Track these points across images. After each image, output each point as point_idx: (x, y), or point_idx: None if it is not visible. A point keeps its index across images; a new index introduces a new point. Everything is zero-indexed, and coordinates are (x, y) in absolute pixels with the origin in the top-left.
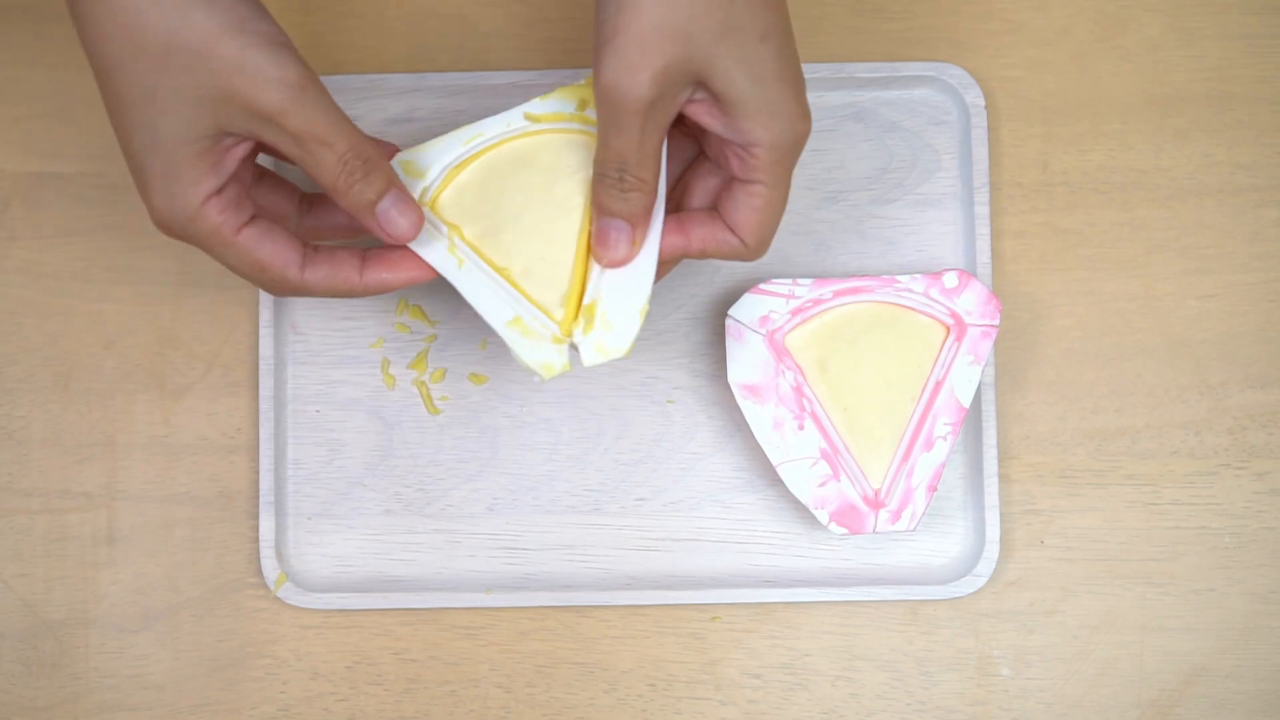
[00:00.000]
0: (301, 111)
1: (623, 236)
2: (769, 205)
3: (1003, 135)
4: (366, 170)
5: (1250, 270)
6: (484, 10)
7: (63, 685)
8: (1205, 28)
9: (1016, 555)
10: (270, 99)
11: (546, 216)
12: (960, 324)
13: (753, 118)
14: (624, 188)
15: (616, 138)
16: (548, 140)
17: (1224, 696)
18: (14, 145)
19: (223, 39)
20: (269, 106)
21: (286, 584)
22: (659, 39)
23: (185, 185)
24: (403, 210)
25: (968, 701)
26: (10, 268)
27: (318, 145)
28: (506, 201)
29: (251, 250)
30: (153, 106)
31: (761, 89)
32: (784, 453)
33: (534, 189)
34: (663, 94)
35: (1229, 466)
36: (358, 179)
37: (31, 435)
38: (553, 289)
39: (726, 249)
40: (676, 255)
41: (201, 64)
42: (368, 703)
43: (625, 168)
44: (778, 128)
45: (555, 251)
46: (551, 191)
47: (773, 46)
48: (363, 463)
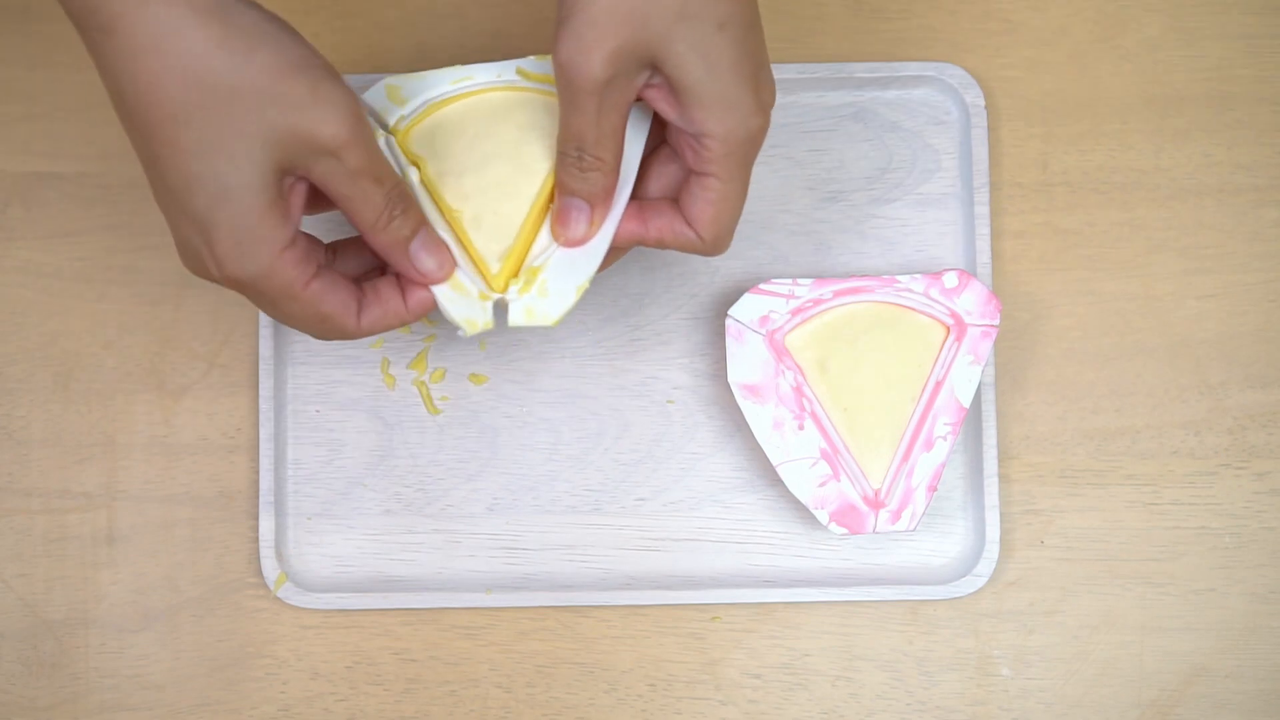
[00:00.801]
0: (362, 146)
1: (582, 216)
2: (723, 199)
3: (1002, 135)
4: (406, 206)
5: (1250, 270)
6: (484, 10)
7: (63, 685)
8: (1205, 28)
9: (1016, 555)
10: (338, 132)
11: (510, 172)
12: (960, 324)
13: (705, 108)
14: (582, 166)
15: (573, 116)
16: (531, 99)
17: (1224, 696)
18: (14, 145)
19: (290, 75)
20: (336, 140)
21: (286, 584)
22: (613, 19)
23: (259, 240)
24: (431, 251)
25: (968, 701)
26: (10, 268)
27: (371, 181)
28: (476, 148)
29: (318, 303)
30: (219, 156)
31: (715, 79)
32: (784, 453)
33: (505, 143)
34: (617, 75)
35: (1229, 466)
36: (397, 216)
37: (31, 435)
38: (496, 242)
39: (683, 241)
40: (632, 242)
41: (270, 103)
42: (368, 703)
43: (583, 147)
44: (731, 120)
45: (510, 207)
46: (521, 149)
47: (730, 36)
48: (363, 463)
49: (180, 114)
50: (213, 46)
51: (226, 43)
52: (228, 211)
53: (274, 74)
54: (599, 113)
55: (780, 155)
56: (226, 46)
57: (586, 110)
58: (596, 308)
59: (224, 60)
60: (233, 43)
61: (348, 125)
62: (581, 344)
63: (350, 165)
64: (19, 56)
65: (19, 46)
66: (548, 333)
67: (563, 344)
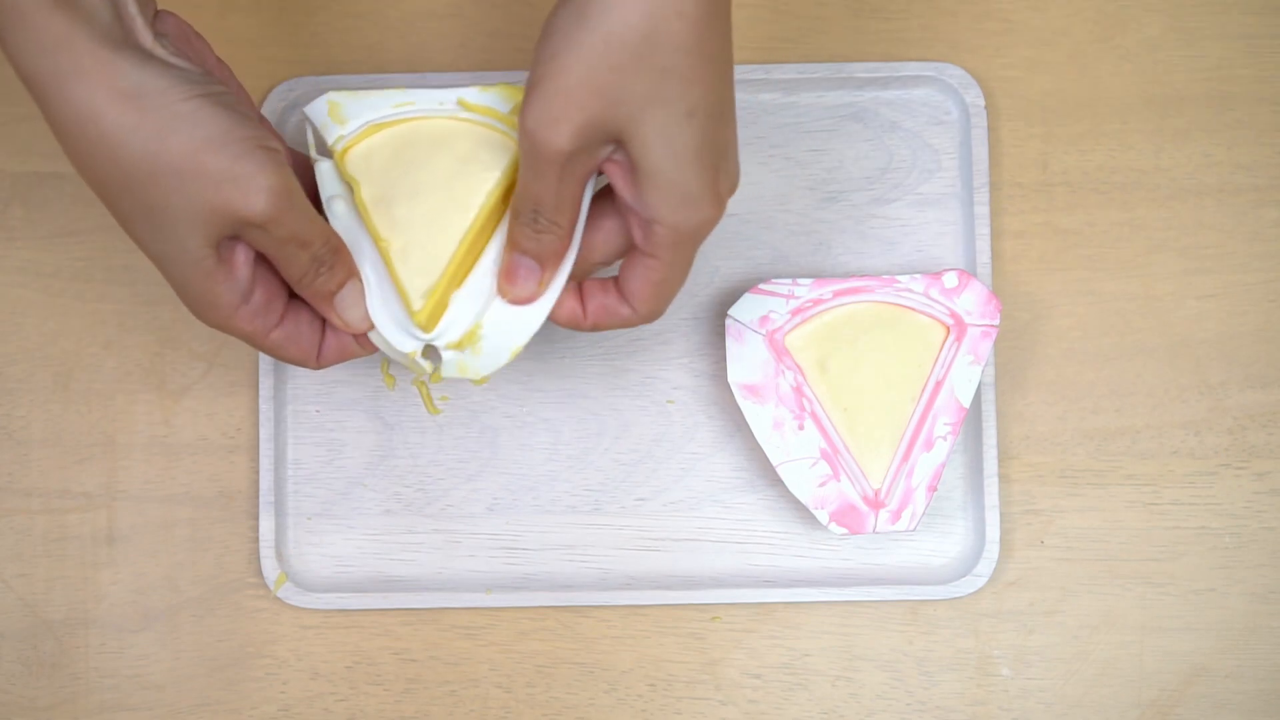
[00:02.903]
0: (289, 217)
1: (531, 275)
2: (664, 282)
3: (1002, 135)
4: (333, 263)
5: (1250, 270)
6: (484, 10)
7: (63, 685)
8: (1205, 28)
9: (1016, 555)
10: (261, 208)
11: (442, 205)
12: (960, 324)
13: (661, 195)
14: (537, 228)
15: (533, 181)
16: (471, 131)
17: (1224, 696)
18: (14, 145)
19: (207, 154)
20: (259, 216)
21: (286, 584)
22: (583, 94)
23: (208, 306)
24: (355, 303)
25: (968, 701)
26: (10, 268)
27: (297, 247)
28: (411, 177)
29: (278, 350)
30: (150, 229)
31: (676, 168)
32: (784, 453)
33: (440, 173)
34: (581, 148)
35: (1229, 466)
36: (324, 271)
37: (31, 435)
38: (422, 277)
39: (617, 319)
40: (570, 321)
41: (189, 182)
42: (368, 703)
43: (540, 210)
44: (684, 212)
45: (438, 242)
46: (455, 181)
47: (698, 125)
48: (363, 463)
49: (111, 190)
50: (127, 132)
51: (141, 127)
52: (174, 276)
53: (190, 154)
54: (559, 181)
55: (780, 155)
56: (141, 131)
57: (547, 178)
58: None
59: (140, 144)
60: (147, 127)
61: (269, 199)
62: (581, 344)
63: (275, 235)
64: None
65: None
66: (548, 333)
67: (563, 344)
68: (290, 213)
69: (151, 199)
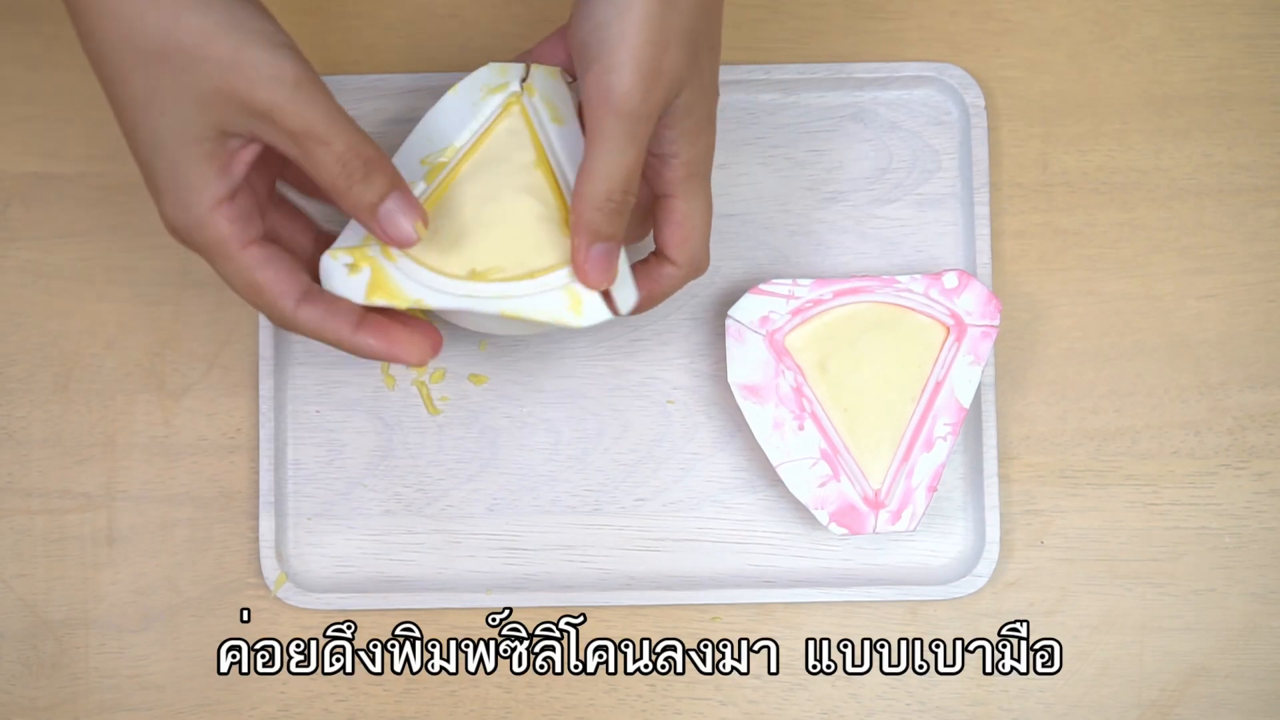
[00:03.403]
0: (297, 109)
1: (615, 257)
2: (688, 218)
3: (1002, 135)
4: (367, 171)
5: (1250, 270)
6: (484, 10)
7: (63, 685)
8: (1205, 28)
9: (1016, 555)
10: (266, 96)
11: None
12: (960, 324)
13: (685, 131)
14: (624, 207)
15: (630, 151)
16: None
17: (1224, 697)
18: (14, 145)
19: (217, 37)
20: (264, 103)
21: (286, 584)
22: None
23: (193, 190)
24: (406, 212)
25: (968, 701)
26: (10, 268)
27: (315, 144)
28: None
29: (253, 269)
30: (154, 109)
31: (701, 102)
32: (784, 453)
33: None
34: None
35: (1229, 467)
36: (357, 180)
37: (31, 435)
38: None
39: (667, 282)
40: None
41: (197, 64)
42: (368, 703)
43: (630, 186)
44: (701, 143)
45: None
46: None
47: (716, 58)
48: (363, 463)
49: (118, 71)
50: (144, 8)
51: (157, 5)
52: (164, 160)
53: (201, 35)
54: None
55: (780, 155)
56: (156, 8)
57: (642, 141)
58: None
59: (153, 21)
60: (163, 5)
61: (275, 88)
62: (581, 344)
63: (286, 128)
64: (19, 56)
65: (19, 46)
66: (547, 333)
67: (563, 344)
68: (299, 104)
69: (161, 79)
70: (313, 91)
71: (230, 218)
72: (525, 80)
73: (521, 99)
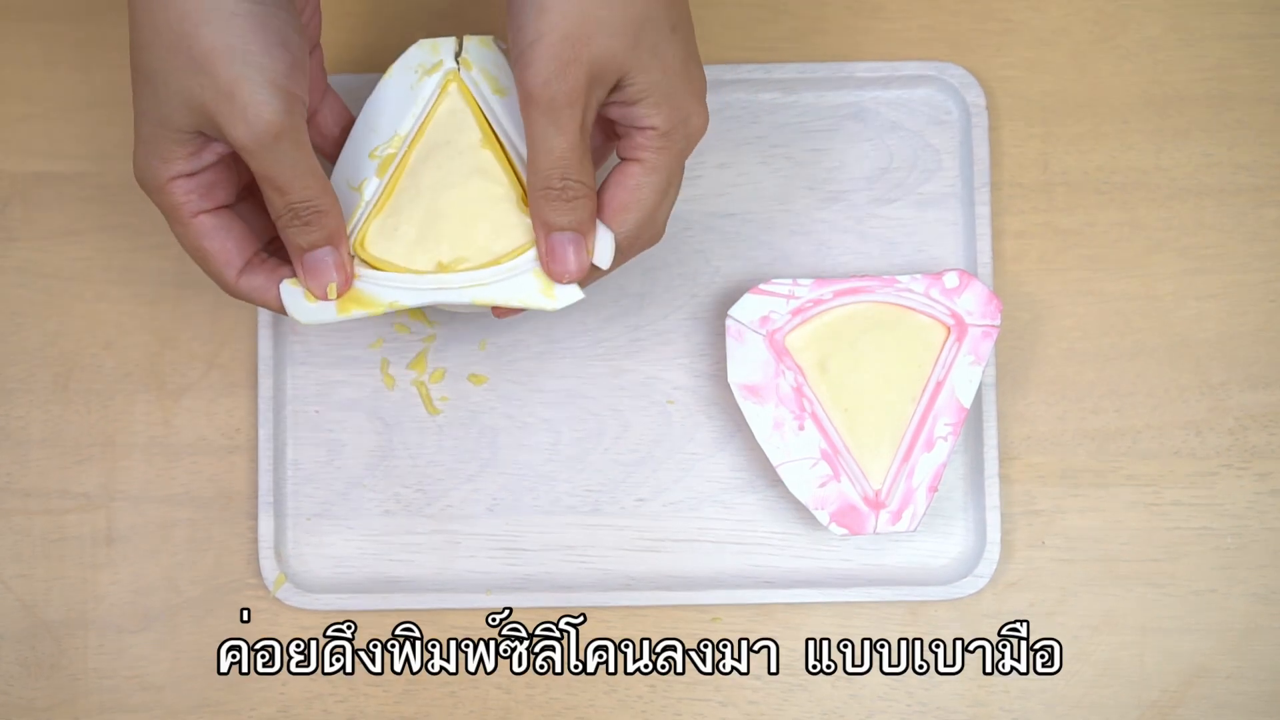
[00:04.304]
0: (266, 158)
1: (578, 248)
2: (640, 187)
3: (1003, 135)
4: (308, 221)
5: (1250, 270)
6: (484, 10)
7: (61, 686)
8: (1205, 28)
9: (1017, 556)
10: (242, 136)
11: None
12: (961, 324)
13: (656, 106)
14: (568, 196)
15: (557, 139)
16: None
17: (1225, 697)
18: (14, 145)
19: (221, 63)
20: (237, 141)
21: (286, 584)
22: (586, 34)
23: (160, 159)
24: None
25: (968, 702)
26: (10, 268)
27: (271, 188)
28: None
29: (199, 237)
30: (154, 84)
31: (667, 80)
32: (784, 453)
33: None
34: (591, 89)
35: (1230, 467)
36: (297, 224)
37: (31, 436)
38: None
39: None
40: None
41: (197, 75)
42: (368, 703)
43: (568, 173)
44: (676, 116)
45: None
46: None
47: (680, 38)
48: (362, 463)
49: (143, 35)
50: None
51: (183, 7)
52: (146, 123)
53: (208, 54)
54: (580, 132)
55: (780, 155)
56: (182, 10)
57: (570, 130)
58: (596, 307)
59: (176, 20)
60: (189, 10)
61: (251, 134)
62: (581, 344)
63: (253, 168)
64: (19, 56)
65: (19, 46)
66: (548, 333)
67: (563, 344)
68: (269, 154)
69: (168, 66)
70: (287, 146)
71: (186, 189)
72: (460, 54)
73: (459, 75)
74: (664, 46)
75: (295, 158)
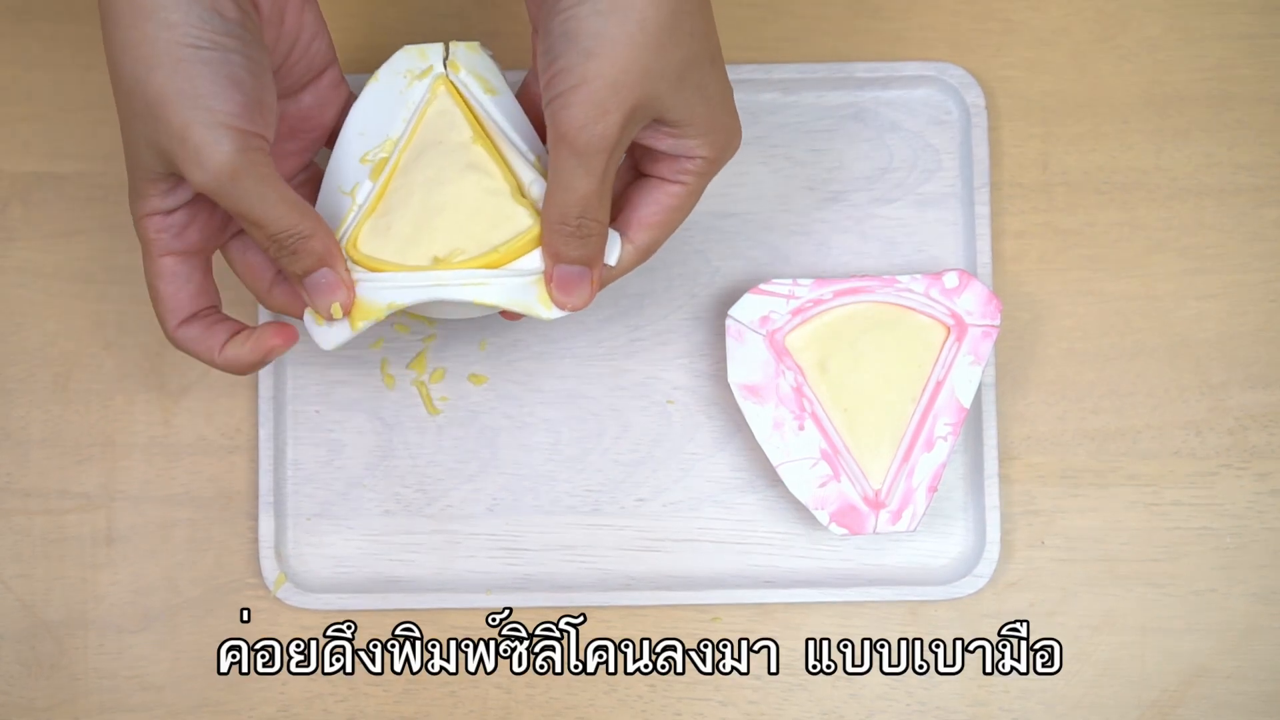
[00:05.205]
0: (231, 196)
1: (585, 280)
2: (676, 210)
3: (1003, 135)
4: (295, 249)
5: (1250, 270)
6: (484, 10)
7: (61, 686)
8: (1205, 27)
9: (1017, 556)
10: (201, 179)
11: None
12: (961, 324)
13: (702, 136)
14: (584, 233)
15: (583, 181)
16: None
17: (1225, 697)
18: (14, 145)
19: (170, 107)
20: (197, 186)
21: (286, 584)
22: (630, 81)
23: (137, 195)
24: (326, 291)
25: (968, 702)
26: (10, 268)
27: (248, 224)
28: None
29: (156, 276)
30: (125, 126)
31: (710, 111)
32: (784, 453)
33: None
34: (626, 133)
35: (1230, 467)
36: (286, 255)
37: (31, 436)
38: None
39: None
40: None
41: (152, 121)
42: (368, 703)
43: (587, 213)
44: (721, 143)
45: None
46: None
47: (719, 69)
48: (362, 463)
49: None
50: (124, 50)
51: (138, 49)
52: (128, 157)
53: (158, 99)
54: (604, 174)
55: (780, 155)
56: (134, 55)
57: (596, 173)
58: (597, 307)
59: (130, 67)
60: (144, 51)
61: (208, 176)
62: (581, 344)
63: (223, 206)
64: (19, 56)
65: (19, 46)
66: (548, 333)
67: (563, 344)
68: (233, 193)
69: (130, 112)
70: (250, 182)
71: (158, 227)
72: (448, 59)
73: (448, 79)
74: (707, 80)
75: (261, 192)
